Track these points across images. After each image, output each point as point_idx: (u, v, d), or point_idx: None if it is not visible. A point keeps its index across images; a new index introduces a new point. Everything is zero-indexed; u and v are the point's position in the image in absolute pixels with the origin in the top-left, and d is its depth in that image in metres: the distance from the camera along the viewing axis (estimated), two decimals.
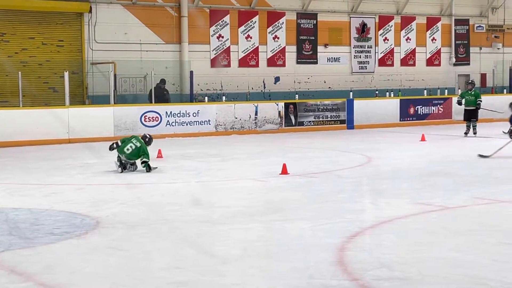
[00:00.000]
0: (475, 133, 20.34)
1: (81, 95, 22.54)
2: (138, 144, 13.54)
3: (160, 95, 22.72)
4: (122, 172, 13.34)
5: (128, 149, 13.47)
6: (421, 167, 13.91)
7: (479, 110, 20.65)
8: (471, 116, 20.48)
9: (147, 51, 23.42)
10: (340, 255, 6.91)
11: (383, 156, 16.01)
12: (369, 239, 7.71)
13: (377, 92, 26.68)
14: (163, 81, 22.99)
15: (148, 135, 14.23)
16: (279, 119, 23.34)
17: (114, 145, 13.82)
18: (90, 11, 22.56)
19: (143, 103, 22.14)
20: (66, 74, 20.36)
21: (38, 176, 13.36)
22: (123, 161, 13.53)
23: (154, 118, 21.34)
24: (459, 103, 21.10)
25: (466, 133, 20.46)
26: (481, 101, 20.67)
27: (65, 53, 22.53)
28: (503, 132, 20.16)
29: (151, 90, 22.72)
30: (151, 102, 22.12)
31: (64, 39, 22.52)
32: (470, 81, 21.65)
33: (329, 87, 26.81)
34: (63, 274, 6.43)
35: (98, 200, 10.38)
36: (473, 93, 20.63)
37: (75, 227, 8.48)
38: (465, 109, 20.69)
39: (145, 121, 21.19)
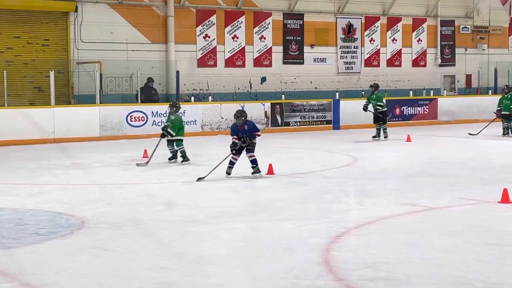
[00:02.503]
0: (385, 137, 19.71)
1: (67, 94, 22.43)
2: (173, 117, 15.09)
3: (149, 94, 22.68)
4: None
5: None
6: (407, 167, 13.96)
7: (384, 114, 19.97)
8: (378, 120, 19.91)
9: (133, 50, 23.34)
10: (326, 256, 6.92)
11: (369, 156, 16.04)
12: (354, 240, 7.73)
13: (363, 92, 26.73)
14: (151, 80, 22.94)
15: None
16: (265, 119, 23.35)
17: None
18: (76, 10, 22.45)
19: (129, 103, 22.08)
20: (52, 74, 20.26)
21: (23, 176, 13.31)
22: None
23: (140, 118, 21.29)
24: (365, 109, 20.30)
25: (374, 137, 19.83)
26: (380, 105, 19.92)
27: (50, 52, 22.41)
28: (469, 133, 20.29)
29: (140, 89, 22.68)
30: (138, 102, 22.08)
31: (50, 38, 22.41)
32: (373, 84, 20.73)
33: (315, 88, 26.84)
34: (48, 274, 6.41)
35: (83, 200, 10.35)
36: (374, 97, 20.09)
37: (60, 227, 8.45)
38: (373, 113, 20.04)
39: (131, 121, 21.14)
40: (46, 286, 6.09)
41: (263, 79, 25.92)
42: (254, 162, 12.60)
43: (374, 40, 28.44)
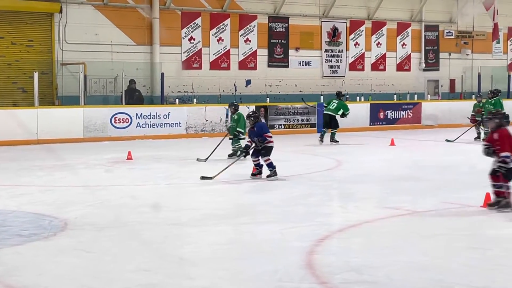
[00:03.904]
0: (332, 141, 19.91)
1: (51, 95, 22.33)
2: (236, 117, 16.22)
3: (132, 96, 22.67)
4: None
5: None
6: (390, 171, 14.00)
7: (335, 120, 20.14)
8: (329, 125, 20.06)
9: (118, 52, 23.29)
10: (309, 259, 6.93)
11: (352, 160, 16.08)
12: (338, 243, 7.74)
13: (347, 96, 26.78)
14: (133, 82, 22.92)
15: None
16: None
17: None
18: (61, 11, 22.37)
19: (113, 105, 22.01)
20: (36, 75, 20.16)
21: (6, 177, 13.21)
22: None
23: (124, 120, 21.22)
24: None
25: (322, 139, 19.88)
26: (314, 107, 20.22)
27: (34, 53, 22.31)
28: (447, 140, 20.38)
29: (124, 91, 22.66)
30: (124, 104, 22.07)
31: (34, 39, 22.30)
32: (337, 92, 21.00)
33: (300, 91, 26.87)
34: (30, 276, 6.38)
35: (67, 201, 10.30)
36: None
37: (42, 228, 8.41)
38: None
39: (115, 122, 21.07)
40: (28, 287, 6.06)
41: (248, 82, 25.93)
42: (269, 165, 12.59)
43: (358, 44, 28.53)
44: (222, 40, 25.36)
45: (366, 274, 6.39)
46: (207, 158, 15.51)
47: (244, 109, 23.27)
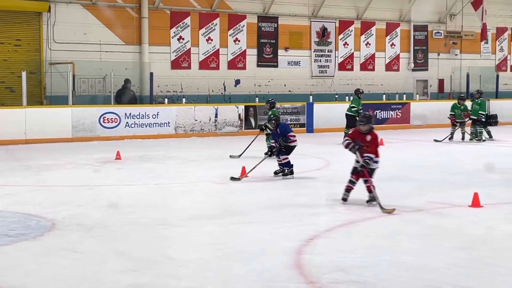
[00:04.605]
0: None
1: (39, 95, 22.25)
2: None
3: (128, 95, 22.68)
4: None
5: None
6: (379, 171, 13.97)
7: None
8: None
9: (106, 51, 23.23)
10: (297, 258, 6.93)
11: (341, 160, 16.01)
12: (326, 243, 7.74)
13: (336, 96, 26.83)
14: (128, 81, 22.94)
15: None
16: (239, 122, 23.35)
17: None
18: (49, 11, 22.30)
19: (102, 104, 21.95)
20: (24, 74, 20.09)
21: None
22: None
23: (113, 120, 21.17)
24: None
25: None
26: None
27: (23, 53, 22.22)
28: (435, 140, 20.44)
29: (118, 91, 22.66)
30: (118, 103, 22.06)
31: (22, 38, 22.23)
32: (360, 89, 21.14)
33: (289, 91, 26.90)
34: (17, 277, 6.35)
35: (54, 201, 10.27)
36: None
37: (30, 228, 8.38)
38: None
39: (103, 122, 21.02)
40: None
41: (237, 82, 25.92)
42: (286, 164, 12.90)
43: (348, 44, 28.57)
44: (211, 40, 25.34)
45: (354, 273, 6.40)
46: (240, 155, 16.00)
47: (233, 109, 23.35)
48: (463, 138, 20.72)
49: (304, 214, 9.35)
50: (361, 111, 19.55)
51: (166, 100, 23.20)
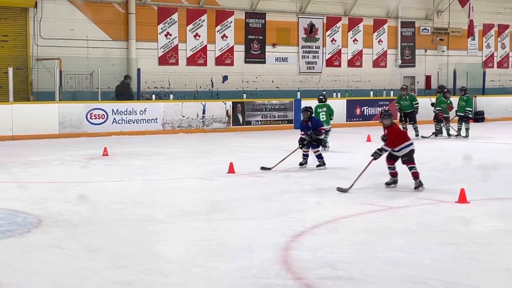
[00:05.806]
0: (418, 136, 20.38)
1: (26, 91, 22.13)
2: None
3: (126, 91, 22.63)
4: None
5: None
6: (369, 168, 14.01)
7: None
8: None
9: (93, 47, 23.15)
10: (285, 254, 6.94)
11: (329, 156, 16.09)
12: (313, 239, 7.75)
13: (324, 92, 26.83)
14: (128, 77, 22.91)
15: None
16: (226, 118, 23.34)
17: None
18: (36, 6, 22.17)
19: (89, 100, 21.87)
20: (10, 70, 20.00)
21: None
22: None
23: (100, 116, 21.11)
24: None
25: None
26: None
27: (9, 49, 22.09)
28: (422, 136, 20.51)
29: (117, 86, 22.59)
30: (118, 99, 22.07)
31: (9, 34, 22.09)
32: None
33: (277, 87, 26.90)
34: (3, 273, 6.33)
35: (41, 198, 10.24)
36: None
37: (16, 225, 8.35)
38: None
39: (91, 118, 20.95)
40: (1, 285, 6.00)
41: (225, 78, 25.89)
42: (319, 157, 13.75)
43: (335, 40, 28.59)
44: (199, 36, 25.30)
45: (341, 269, 6.41)
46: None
47: (221, 105, 23.33)
48: (448, 135, 20.80)
49: (292, 210, 9.36)
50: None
51: (153, 96, 23.14)
